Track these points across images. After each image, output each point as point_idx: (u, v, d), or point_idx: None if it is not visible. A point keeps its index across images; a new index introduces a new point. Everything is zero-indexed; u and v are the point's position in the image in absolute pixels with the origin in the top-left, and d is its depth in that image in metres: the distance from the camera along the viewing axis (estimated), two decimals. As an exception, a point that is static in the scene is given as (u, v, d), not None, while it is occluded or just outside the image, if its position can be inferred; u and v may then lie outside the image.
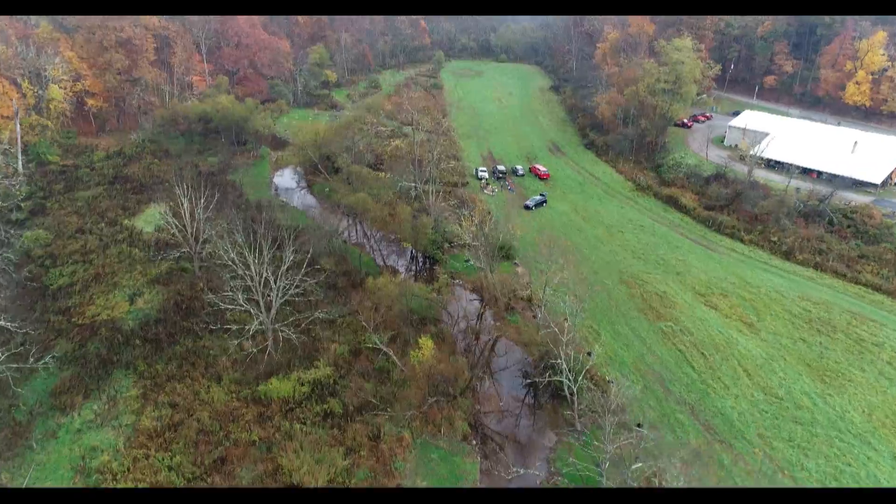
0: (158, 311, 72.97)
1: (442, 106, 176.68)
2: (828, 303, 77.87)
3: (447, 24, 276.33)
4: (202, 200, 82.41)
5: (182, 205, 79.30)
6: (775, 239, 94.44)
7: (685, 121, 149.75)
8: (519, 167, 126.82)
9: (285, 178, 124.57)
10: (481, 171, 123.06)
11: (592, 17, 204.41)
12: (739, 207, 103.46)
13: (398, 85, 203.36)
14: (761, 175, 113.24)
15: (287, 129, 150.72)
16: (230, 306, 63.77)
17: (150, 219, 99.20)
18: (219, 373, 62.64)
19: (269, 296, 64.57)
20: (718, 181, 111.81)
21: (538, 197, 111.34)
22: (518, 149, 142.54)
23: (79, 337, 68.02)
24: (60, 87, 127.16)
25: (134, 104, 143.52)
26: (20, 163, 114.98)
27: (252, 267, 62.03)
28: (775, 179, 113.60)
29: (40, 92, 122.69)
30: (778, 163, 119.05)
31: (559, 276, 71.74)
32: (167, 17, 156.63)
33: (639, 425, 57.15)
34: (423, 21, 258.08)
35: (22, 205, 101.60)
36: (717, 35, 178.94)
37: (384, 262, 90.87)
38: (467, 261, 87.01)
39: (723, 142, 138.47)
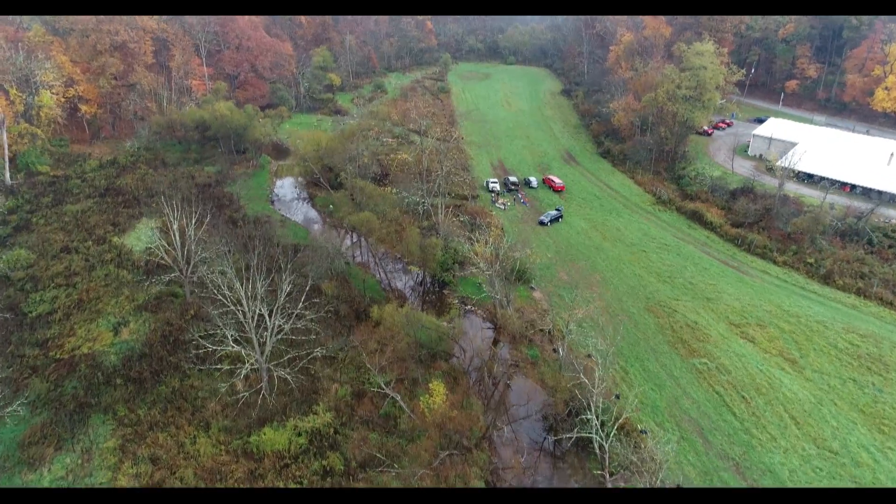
0: (144, 345, 66.71)
1: (450, 111, 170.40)
2: (876, 336, 71.03)
3: (454, 26, 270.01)
4: (195, 219, 76.30)
5: (172, 225, 73.08)
6: (811, 261, 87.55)
7: (705, 128, 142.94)
8: (532, 178, 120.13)
9: (286, 190, 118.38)
10: (492, 182, 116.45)
11: (605, 18, 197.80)
12: (770, 225, 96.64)
13: (404, 88, 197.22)
14: (790, 188, 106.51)
15: (289, 135, 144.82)
16: (219, 347, 57.30)
17: (141, 235, 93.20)
18: (207, 419, 56.38)
19: (263, 334, 58.28)
20: (746, 195, 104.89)
21: (553, 212, 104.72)
22: (530, 158, 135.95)
23: (55, 375, 61.90)
24: (53, 93, 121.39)
25: (130, 110, 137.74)
26: (7, 173, 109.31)
27: (244, 302, 55.73)
28: (806, 193, 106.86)
29: (29, 99, 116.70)
30: (808, 175, 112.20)
31: (584, 309, 65.04)
32: (166, 19, 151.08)
33: (678, 487, 50.66)
34: (429, 22, 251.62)
35: (8, 219, 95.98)
36: (736, 38, 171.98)
37: (390, 286, 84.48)
38: (479, 284, 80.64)
39: (746, 151, 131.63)
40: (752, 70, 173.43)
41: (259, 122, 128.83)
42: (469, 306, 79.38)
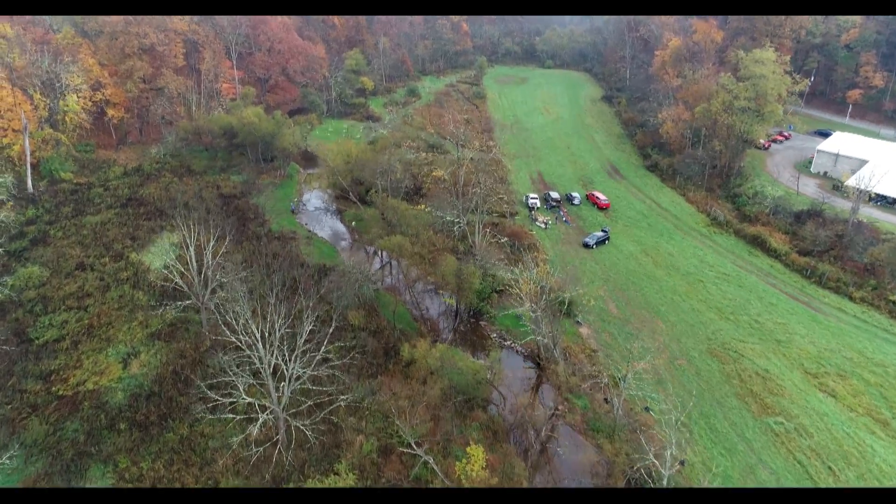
0: (153, 381, 61.15)
1: (486, 118, 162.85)
2: (981, 394, 61.62)
3: (489, 28, 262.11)
4: (214, 239, 70.66)
5: (188, 249, 67.35)
6: (895, 299, 77.89)
7: (762, 141, 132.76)
8: (575, 194, 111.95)
9: (314, 203, 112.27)
10: (532, 198, 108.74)
11: (650, 21, 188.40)
12: (843, 254, 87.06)
13: (438, 93, 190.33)
14: (864, 212, 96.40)
15: (319, 141, 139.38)
16: (229, 400, 50.86)
17: (160, 251, 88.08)
18: (216, 476, 50.23)
19: (280, 384, 51.96)
20: (813, 219, 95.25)
21: (599, 233, 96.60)
22: (572, 170, 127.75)
23: (56, 415, 56.65)
24: (79, 97, 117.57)
25: (158, 114, 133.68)
26: (29, 181, 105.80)
27: (260, 347, 49.44)
28: (881, 218, 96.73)
29: (52, 105, 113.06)
30: (881, 197, 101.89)
31: (643, 363, 57.11)
32: (196, 20, 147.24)
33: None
34: (464, 24, 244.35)
35: (26, 230, 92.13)
36: (793, 44, 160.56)
37: (421, 315, 77.57)
38: (518, 318, 73.45)
39: (808, 167, 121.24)
40: (811, 78, 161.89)
41: (288, 130, 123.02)
42: (508, 341, 72.08)
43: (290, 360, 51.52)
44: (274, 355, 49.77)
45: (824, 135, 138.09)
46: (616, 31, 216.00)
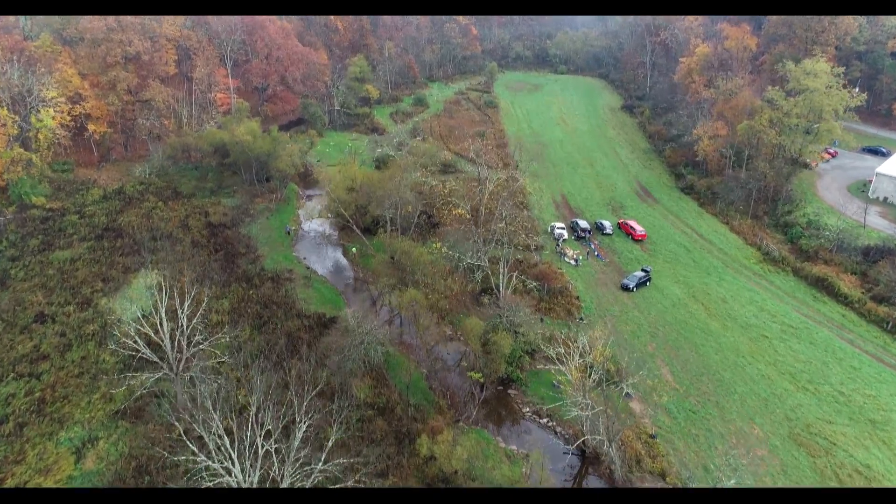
0: (110, 483, 49.25)
1: (499, 131, 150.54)
2: None
3: (499, 31, 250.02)
4: (191, 297, 58.92)
5: (160, 310, 55.56)
6: None
7: (807, 160, 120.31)
8: (605, 223, 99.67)
9: (313, 233, 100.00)
10: (558, 227, 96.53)
11: (672, 25, 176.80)
12: (929, 303, 74.91)
13: (447, 102, 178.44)
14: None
15: (319, 159, 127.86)
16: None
17: (136, 295, 76.00)
18: None
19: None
20: (886, 257, 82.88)
21: (640, 273, 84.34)
22: (598, 192, 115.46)
23: (-17, 536, 44.76)
24: (56, 111, 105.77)
25: (144, 128, 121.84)
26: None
27: (237, 473, 37.53)
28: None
29: (23, 124, 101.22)
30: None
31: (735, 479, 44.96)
32: (189, 26, 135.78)
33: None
34: (473, 27, 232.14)
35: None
36: (834, 51, 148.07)
37: (439, 381, 65.40)
38: (555, 385, 61.76)
39: (864, 191, 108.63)
40: (856, 89, 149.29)
41: (286, 149, 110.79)
42: (545, 419, 60.10)
43: (278, 477, 39.63)
44: (254, 485, 37.79)
45: (874, 152, 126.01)
46: (634, 34, 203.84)
